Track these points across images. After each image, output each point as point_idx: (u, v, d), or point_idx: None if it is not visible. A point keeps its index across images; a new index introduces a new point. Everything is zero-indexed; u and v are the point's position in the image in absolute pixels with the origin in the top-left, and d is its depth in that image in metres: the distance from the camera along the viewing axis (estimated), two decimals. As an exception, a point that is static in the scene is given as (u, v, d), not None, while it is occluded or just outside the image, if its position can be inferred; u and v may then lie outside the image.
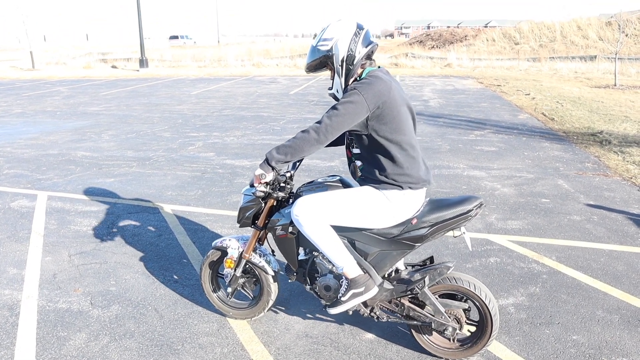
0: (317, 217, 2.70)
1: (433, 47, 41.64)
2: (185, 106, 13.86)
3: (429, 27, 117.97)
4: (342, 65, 2.66)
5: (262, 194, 2.88)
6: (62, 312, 3.58)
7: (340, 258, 2.76)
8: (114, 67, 30.68)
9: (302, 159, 2.91)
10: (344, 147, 2.94)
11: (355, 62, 2.65)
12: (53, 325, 3.43)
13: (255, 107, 13.28)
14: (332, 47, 2.66)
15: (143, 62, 27.80)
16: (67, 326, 3.40)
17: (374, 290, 2.82)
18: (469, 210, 2.68)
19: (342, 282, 2.87)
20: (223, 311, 3.43)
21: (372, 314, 2.97)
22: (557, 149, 8.23)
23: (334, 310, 2.89)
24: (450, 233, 2.84)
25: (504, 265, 4.21)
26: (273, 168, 2.69)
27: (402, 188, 2.67)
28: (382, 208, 2.70)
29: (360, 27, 2.69)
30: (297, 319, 3.45)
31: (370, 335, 3.26)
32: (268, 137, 9.37)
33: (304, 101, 14.17)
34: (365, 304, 2.93)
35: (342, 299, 2.82)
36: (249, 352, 3.11)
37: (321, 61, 2.71)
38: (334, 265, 2.89)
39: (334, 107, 2.56)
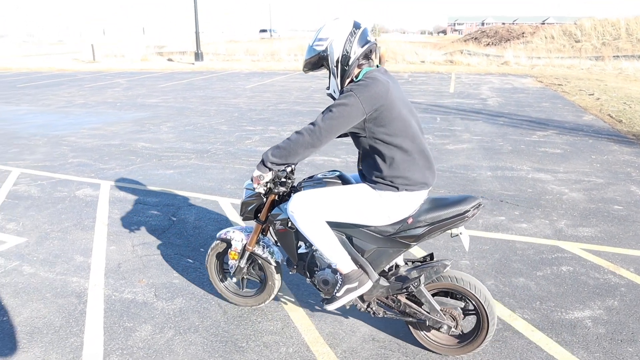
0: (311, 213, 2.70)
1: (489, 44, 40.61)
2: (240, 100, 13.98)
3: (483, 24, 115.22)
4: (337, 66, 2.61)
5: (263, 191, 2.94)
6: (127, 303, 3.62)
7: (334, 254, 2.75)
8: (169, 60, 31.38)
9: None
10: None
11: (350, 63, 2.59)
12: (119, 315, 3.46)
13: (311, 102, 13.24)
14: (327, 47, 2.61)
15: (198, 56, 28.29)
16: (132, 317, 3.43)
17: (368, 285, 2.82)
18: (466, 211, 2.64)
19: (337, 277, 2.86)
20: (229, 299, 3.53)
21: (369, 309, 2.98)
22: (627, 153, 7.80)
23: (330, 307, 2.89)
24: (448, 232, 2.80)
25: (578, 275, 3.98)
26: (270, 169, 2.70)
27: (397, 189, 2.62)
28: (375, 207, 2.67)
29: (356, 27, 2.62)
30: (362, 322, 3.36)
31: (440, 341, 3.13)
32: (324, 133, 9.29)
33: (358, 97, 14.04)
34: (362, 299, 2.93)
35: (337, 294, 2.83)
36: (315, 353, 3.04)
37: (317, 61, 2.66)
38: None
39: (329, 109, 2.51)
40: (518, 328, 3.28)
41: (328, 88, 2.75)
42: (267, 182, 2.84)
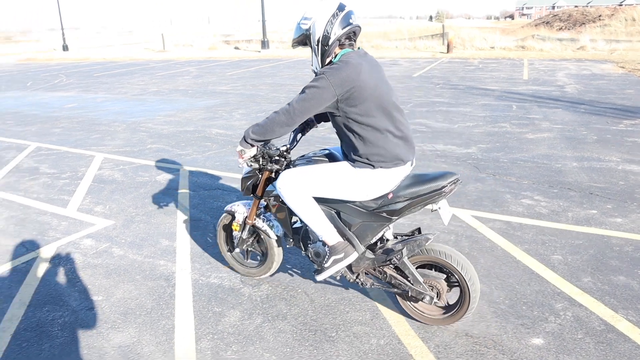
0: (296, 189, 2.87)
1: (561, 28, 38.69)
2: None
3: (554, 7, 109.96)
4: (317, 45, 2.74)
5: (246, 166, 3.20)
6: (215, 288, 3.65)
7: (320, 227, 2.92)
8: (236, 48, 31.86)
9: (303, 134, 3.31)
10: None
11: (330, 44, 2.71)
12: (208, 299, 3.50)
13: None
14: (310, 27, 2.74)
15: (265, 44, 28.57)
16: (221, 302, 3.46)
17: (354, 256, 2.98)
18: (443, 187, 2.74)
19: (325, 249, 3.02)
20: (235, 269, 3.79)
21: (357, 279, 3.14)
22: None
23: (319, 277, 3.05)
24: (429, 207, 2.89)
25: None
26: (251, 145, 2.91)
27: (373, 167, 2.75)
28: (353, 183, 2.81)
29: (340, 8, 2.72)
30: (453, 316, 3.23)
31: (537, 341, 2.97)
32: (396, 121, 9.10)
33: (429, 84, 13.71)
34: (351, 270, 3.10)
35: (325, 265, 2.99)
36: (407, 346, 2.95)
37: (302, 39, 2.81)
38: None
39: (302, 91, 2.66)
40: (623, 330, 3.06)
41: (312, 64, 2.88)
42: (250, 157, 3.05)
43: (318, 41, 2.72)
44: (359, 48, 2.81)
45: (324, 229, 2.93)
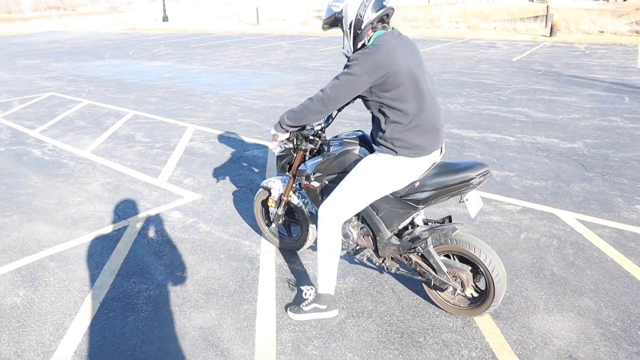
0: (335, 220, 2.87)
1: (684, 13, 35.03)
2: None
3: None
4: (350, 29, 2.65)
5: (280, 149, 3.23)
6: (298, 275, 3.55)
7: (326, 269, 2.93)
8: (327, 24, 31.62)
9: (339, 111, 3.12)
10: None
11: (363, 27, 2.62)
12: (291, 287, 3.40)
13: (476, 73, 12.40)
14: (342, 10, 2.66)
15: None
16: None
17: (334, 313, 2.98)
18: (471, 178, 2.65)
19: (312, 293, 3.03)
20: (272, 242, 3.89)
21: (384, 263, 3.13)
22: None
23: (294, 316, 3.03)
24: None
25: None
26: (285, 130, 2.93)
27: (396, 153, 2.68)
28: (382, 178, 2.76)
29: None
30: (555, 332, 2.93)
31: (655, 375, 2.61)
32: (495, 108, 8.58)
33: (529, 70, 12.85)
34: (377, 253, 3.08)
35: (304, 308, 2.99)
36: (502, 363, 2.69)
37: (333, 21, 2.73)
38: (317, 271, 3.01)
39: (336, 77, 2.61)
40: None
41: (343, 47, 2.80)
42: (282, 141, 3.09)
43: (350, 25, 2.64)
44: (392, 28, 2.71)
45: (326, 274, 2.94)
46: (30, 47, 23.08)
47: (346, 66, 2.59)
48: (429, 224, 3.06)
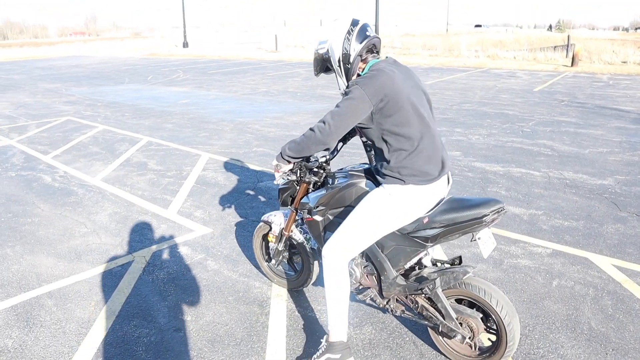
0: (341, 258, 2.67)
1: None
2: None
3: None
4: (340, 66, 2.61)
5: (282, 180, 3.02)
6: (311, 322, 3.27)
7: (336, 315, 2.72)
8: (346, 52, 31.75)
9: (345, 143, 3.15)
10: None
11: (352, 61, 2.58)
12: (303, 336, 3.12)
13: (498, 104, 12.13)
14: (327, 49, 2.63)
15: (374, 49, 28.17)
16: (317, 342, 3.05)
17: None
18: (484, 215, 2.45)
19: (323, 343, 2.80)
20: (271, 279, 3.69)
21: (387, 305, 2.91)
22: None
23: None
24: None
25: None
26: (288, 161, 2.79)
27: (404, 182, 2.53)
28: (390, 211, 2.59)
29: (354, 24, 2.60)
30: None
31: None
32: (518, 140, 8.29)
33: (552, 100, 12.56)
34: (381, 294, 2.87)
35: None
36: None
37: (322, 63, 2.69)
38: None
39: (337, 106, 2.50)
40: None
41: (339, 88, 2.69)
42: (285, 172, 2.92)
43: (339, 61, 2.60)
44: (386, 57, 2.65)
45: (337, 320, 2.73)
46: (52, 71, 23.42)
47: (346, 93, 2.50)
48: (438, 264, 2.89)
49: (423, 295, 2.77)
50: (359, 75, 2.62)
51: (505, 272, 3.94)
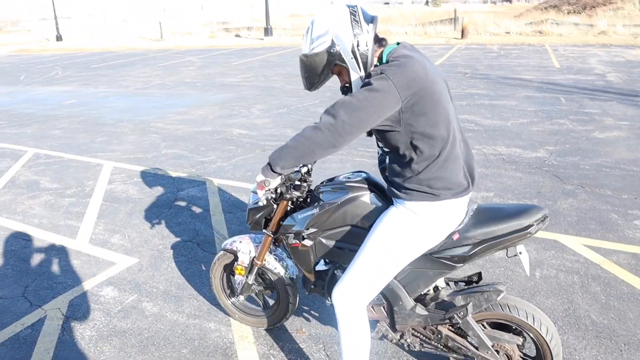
0: (359, 303, 2.14)
1: (570, 12, 37.53)
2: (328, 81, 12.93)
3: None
4: (354, 57, 2.00)
5: (266, 202, 2.47)
6: (292, 369, 2.68)
7: (354, 356, 2.19)
8: (237, 36, 30.64)
9: None
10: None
11: (368, 45, 2.00)
12: (287, 390, 2.53)
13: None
14: (332, 41, 2.00)
15: (268, 31, 27.37)
16: (307, 395, 2.48)
17: None
18: (529, 226, 2.08)
19: None
20: (238, 319, 3.04)
21: (402, 340, 2.45)
22: None
23: None
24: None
25: None
26: (279, 174, 2.13)
27: (436, 197, 2.03)
28: (416, 235, 2.09)
29: (352, 7, 2.05)
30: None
31: None
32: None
33: (456, 73, 12.68)
34: (394, 327, 2.38)
35: None
36: None
37: (326, 65, 2.04)
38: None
39: (353, 96, 1.90)
40: None
41: (346, 92, 2.11)
42: (271, 190, 2.32)
43: (352, 51, 1.99)
44: (397, 43, 2.08)
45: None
46: None
47: (366, 83, 1.91)
48: (450, 284, 2.47)
49: (449, 324, 2.32)
50: (376, 66, 2.03)
51: (483, 269, 3.59)
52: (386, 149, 2.14)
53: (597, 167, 5.54)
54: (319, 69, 2.06)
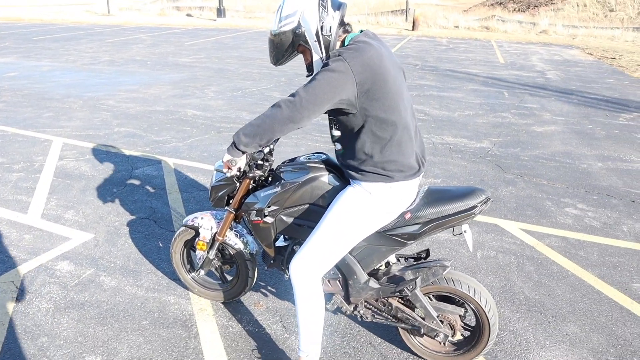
0: (314, 275, 2.28)
1: (515, 10, 38.87)
2: (284, 66, 12.95)
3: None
4: (317, 40, 2.14)
5: (234, 178, 2.61)
6: (251, 337, 2.81)
7: (311, 340, 2.37)
8: (189, 15, 29.98)
9: None
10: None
11: (332, 31, 2.14)
12: (247, 356, 2.66)
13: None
14: (299, 22, 2.13)
15: (220, 12, 26.90)
16: (265, 358, 2.63)
17: None
18: (473, 207, 2.28)
19: None
20: (198, 293, 3.15)
21: (356, 312, 2.63)
22: None
23: None
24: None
25: None
26: (243, 152, 2.25)
27: (390, 179, 2.19)
28: (370, 213, 2.24)
29: None
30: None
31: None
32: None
33: (407, 64, 12.99)
34: (348, 300, 2.57)
35: None
36: None
37: (291, 43, 2.17)
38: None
39: (312, 78, 2.04)
40: None
41: (310, 73, 2.24)
42: (240, 168, 2.40)
43: (316, 34, 2.12)
44: (361, 31, 2.21)
45: (312, 343, 2.39)
46: None
47: (325, 65, 2.03)
48: (401, 260, 2.66)
49: (399, 296, 2.50)
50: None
51: (431, 249, 3.83)
52: (341, 135, 2.26)
53: (534, 159, 5.92)
54: (284, 47, 2.18)
